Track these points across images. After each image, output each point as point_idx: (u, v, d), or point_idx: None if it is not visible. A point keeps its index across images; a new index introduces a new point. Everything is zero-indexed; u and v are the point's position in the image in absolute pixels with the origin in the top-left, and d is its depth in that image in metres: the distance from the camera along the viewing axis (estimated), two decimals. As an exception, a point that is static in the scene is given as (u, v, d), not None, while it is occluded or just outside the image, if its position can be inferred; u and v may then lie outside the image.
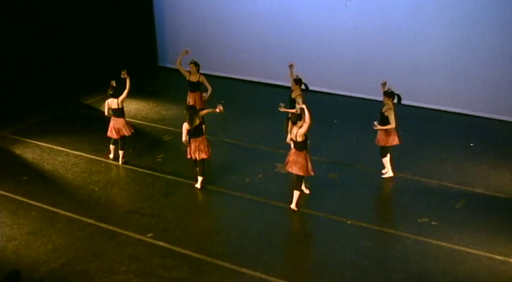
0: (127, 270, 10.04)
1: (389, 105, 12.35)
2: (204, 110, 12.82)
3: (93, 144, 14.71)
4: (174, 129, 15.02)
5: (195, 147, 12.32)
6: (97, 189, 12.70)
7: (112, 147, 13.73)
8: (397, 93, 12.42)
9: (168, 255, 10.42)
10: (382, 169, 12.87)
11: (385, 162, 12.66)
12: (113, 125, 13.33)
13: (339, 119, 15.60)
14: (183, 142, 12.26)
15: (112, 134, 13.38)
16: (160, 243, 10.73)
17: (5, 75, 16.13)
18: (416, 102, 16.63)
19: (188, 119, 12.04)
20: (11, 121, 15.92)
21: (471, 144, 14.52)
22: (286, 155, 12.93)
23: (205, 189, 12.65)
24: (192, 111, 12.15)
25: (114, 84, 13.28)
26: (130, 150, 14.28)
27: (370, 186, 12.52)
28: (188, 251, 10.49)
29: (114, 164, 13.71)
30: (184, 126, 12.06)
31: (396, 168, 12.88)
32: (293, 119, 11.47)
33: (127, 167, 13.59)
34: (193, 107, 12.47)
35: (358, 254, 10.42)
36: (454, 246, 10.51)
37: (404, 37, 16.63)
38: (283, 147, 13.37)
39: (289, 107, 12.83)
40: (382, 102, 12.67)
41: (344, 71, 17.65)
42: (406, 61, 16.72)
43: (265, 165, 13.37)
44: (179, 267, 10.08)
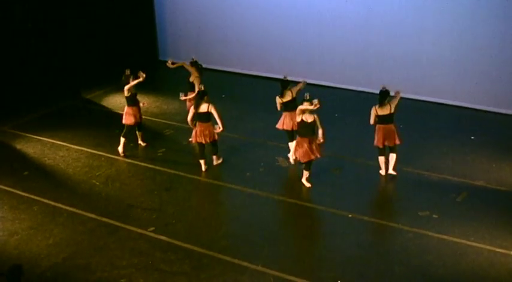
0: (128, 264, 10.04)
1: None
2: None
3: (94, 139, 14.74)
4: (175, 123, 15.05)
5: (200, 131, 12.55)
6: (98, 183, 12.70)
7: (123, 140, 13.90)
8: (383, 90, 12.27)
9: (169, 249, 10.42)
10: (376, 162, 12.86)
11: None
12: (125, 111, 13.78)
13: (340, 113, 15.57)
14: (188, 121, 12.63)
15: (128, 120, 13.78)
16: (162, 237, 10.73)
17: (5, 70, 16.11)
18: (417, 95, 16.64)
19: (195, 103, 12.46)
20: (11, 116, 15.92)
21: (472, 138, 14.49)
22: (287, 148, 13.03)
23: (206, 183, 12.67)
24: (199, 96, 12.49)
25: (128, 72, 13.52)
26: (131, 144, 14.30)
27: (371, 180, 12.49)
28: (189, 245, 10.49)
29: (115, 159, 13.71)
30: (192, 109, 12.57)
31: (397, 162, 12.84)
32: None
33: (128, 161, 13.61)
34: (203, 92, 12.59)
35: (359, 247, 10.42)
36: (455, 239, 10.50)
37: (405, 30, 16.58)
38: (284, 141, 13.34)
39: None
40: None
41: (345, 65, 17.60)
42: (407, 54, 16.68)
43: (266, 159, 13.35)
44: (180, 261, 10.08)
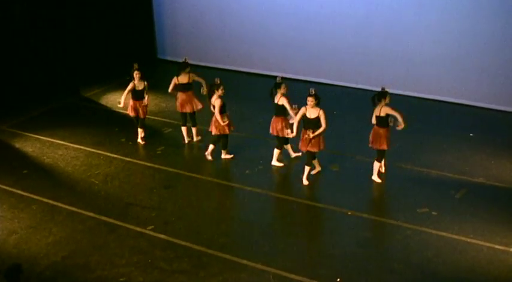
0: (128, 262, 10.04)
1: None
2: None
3: (93, 138, 14.73)
4: (173, 121, 15.02)
5: (212, 122, 12.90)
6: (97, 182, 12.69)
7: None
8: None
9: (168, 247, 10.42)
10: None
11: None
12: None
13: (339, 110, 15.57)
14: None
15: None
16: (161, 236, 10.74)
17: (4, 69, 16.12)
18: (416, 92, 16.70)
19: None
20: (10, 115, 15.93)
21: (471, 134, 14.50)
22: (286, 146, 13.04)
23: (205, 181, 12.66)
24: (211, 88, 12.78)
25: (137, 66, 13.75)
26: (130, 142, 14.35)
27: (370, 177, 12.44)
28: (189, 243, 10.49)
29: (114, 157, 13.70)
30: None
31: (396, 159, 12.90)
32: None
33: (127, 159, 13.60)
34: (215, 85, 12.74)
35: (358, 244, 10.43)
36: (454, 236, 10.50)
37: (405, 28, 16.58)
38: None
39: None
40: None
41: (344, 62, 17.61)
42: (406, 52, 16.68)
43: (265, 156, 13.32)
44: (180, 259, 10.09)
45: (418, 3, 16.26)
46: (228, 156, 13.41)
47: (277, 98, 12.57)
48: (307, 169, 12.30)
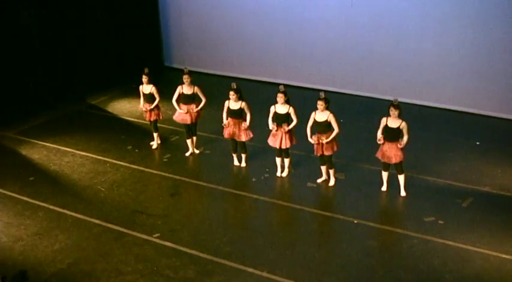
0: (134, 270, 10.03)
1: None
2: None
3: (99, 145, 14.76)
4: (180, 129, 14.97)
5: (230, 127, 13.05)
6: (103, 189, 12.70)
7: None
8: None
9: (174, 255, 10.40)
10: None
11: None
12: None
13: (345, 118, 15.53)
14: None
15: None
16: (167, 243, 10.72)
17: (10, 75, 16.15)
18: (422, 101, 16.65)
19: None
20: (16, 121, 15.97)
21: (477, 143, 14.46)
22: (296, 154, 13.02)
23: (211, 189, 12.65)
24: (233, 92, 12.78)
25: (147, 70, 13.94)
26: (137, 150, 14.37)
27: (377, 185, 12.44)
28: (195, 251, 10.47)
29: (120, 164, 13.72)
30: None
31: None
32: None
33: (133, 167, 13.60)
34: (235, 90, 12.85)
35: (364, 253, 10.39)
36: (461, 245, 10.46)
37: (410, 37, 16.56)
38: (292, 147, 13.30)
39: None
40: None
41: (349, 70, 17.60)
42: (412, 60, 16.66)
43: (271, 165, 13.30)
44: (186, 267, 10.07)
45: (423, 11, 16.23)
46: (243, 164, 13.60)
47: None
48: (332, 172, 12.48)
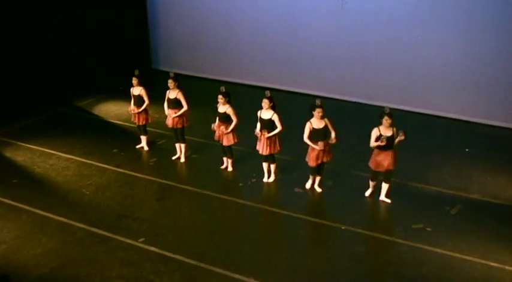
0: (118, 275, 9.91)
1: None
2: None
3: (84, 147, 14.64)
4: (166, 132, 14.89)
5: (218, 130, 12.96)
6: (88, 192, 12.59)
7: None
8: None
9: (159, 260, 10.30)
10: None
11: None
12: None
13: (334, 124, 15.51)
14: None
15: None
16: (152, 248, 10.62)
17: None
18: (412, 107, 16.62)
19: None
20: (1, 123, 15.86)
21: (466, 150, 14.47)
22: (281, 159, 12.93)
23: (197, 193, 12.56)
24: (221, 95, 12.74)
25: (137, 72, 13.89)
26: (123, 153, 14.28)
27: (365, 191, 12.37)
28: (180, 256, 10.38)
29: (105, 168, 13.61)
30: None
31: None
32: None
33: (119, 170, 13.50)
34: (224, 93, 12.83)
35: (352, 259, 10.31)
36: (449, 253, 10.42)
37: (402, 42, 16.58)
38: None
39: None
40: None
41: (342, 76, 17.58)
42: (403, 66, 16.68)
43: (258, 169, 13.21)
44: (171, 272, 9.96)
45: (416, 17, 16.25)
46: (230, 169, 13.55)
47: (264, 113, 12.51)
48: (318, 178, 12.49)
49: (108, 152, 14.33)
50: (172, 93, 13.53)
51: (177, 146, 13.99)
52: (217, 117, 12.97)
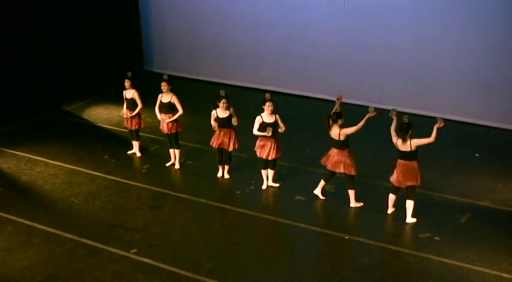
0: (109, 289, 9.74)
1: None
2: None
3: (74, 154, 14.49)
4: (160, 138, 14.72)
5: (220, 137, 12.81)
6: (78, 201, 12.40)
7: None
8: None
9: (153, 272, 10.10)
10: (382, 181, 12.45)
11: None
12: None
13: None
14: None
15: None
16: (145, 260, 10.42)
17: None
18: (418, 110, 16.34)
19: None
20: (-15, 128, 15.76)
21: (476, 155, 14.33)
22: (280, 165, 12.77)
23: (193, 201, 12.40)
24: (225, 100, 12.63)
25: (130, 74, 13.77)
26: (114, 160, 14.14)
27: (369, 199, 12.14)
28: (175, 268, 10.19)
29: (96, 175, 13.43)
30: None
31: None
32: (333, 117, 11.66)
33: (110, 178, 13.33)
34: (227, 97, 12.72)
35: (356, 271, 10.08)
36: (458, 263, 10.18)
37: (405, 44, 16.47)
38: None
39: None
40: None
41: (344, 78, 17.38)
42: (408, 68, 16.58)
43: (256, 177, 13.01)
44: (165, 285, 9.82)
45: (418, 19, 16.13)
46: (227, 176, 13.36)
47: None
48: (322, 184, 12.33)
49: (98, 159, 14.16)
50: (165, 97, 13.28)
51: (171, 151, 13.78)
52: (213, 123, 12.75)
